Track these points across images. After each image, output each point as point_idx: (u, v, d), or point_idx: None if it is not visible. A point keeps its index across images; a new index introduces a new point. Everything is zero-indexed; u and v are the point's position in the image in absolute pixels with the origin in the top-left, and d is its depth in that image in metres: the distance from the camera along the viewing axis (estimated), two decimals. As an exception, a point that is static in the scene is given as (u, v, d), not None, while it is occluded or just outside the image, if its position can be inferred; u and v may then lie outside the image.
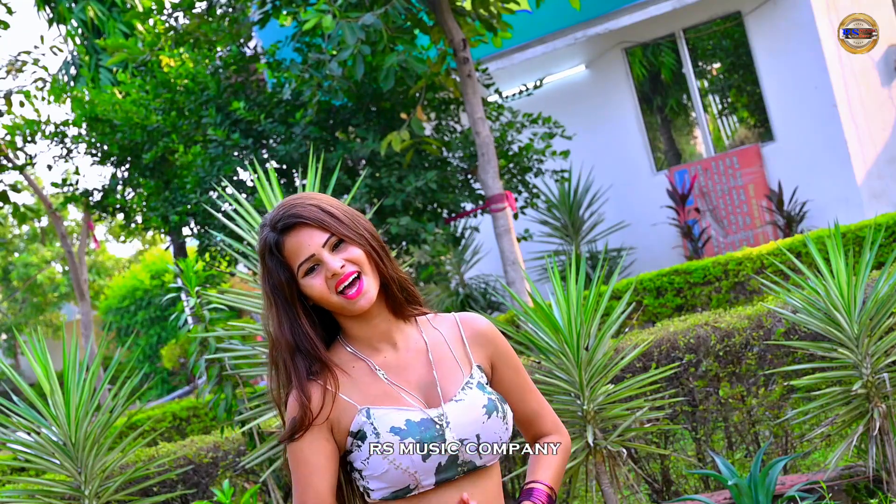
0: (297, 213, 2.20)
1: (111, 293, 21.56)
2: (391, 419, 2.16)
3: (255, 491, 4.70)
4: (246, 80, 10.03)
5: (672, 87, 12.40)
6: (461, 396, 2.21)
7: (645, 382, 4.64)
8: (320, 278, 2.19)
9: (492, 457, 2.22)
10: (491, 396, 2.23)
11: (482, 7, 8.52)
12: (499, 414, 2.21)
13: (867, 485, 4.56)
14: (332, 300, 2.19)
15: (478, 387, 2.23)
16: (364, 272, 2.20)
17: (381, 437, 2.15)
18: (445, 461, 2.17)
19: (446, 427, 2.17)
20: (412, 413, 2.18)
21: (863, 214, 10.73)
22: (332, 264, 2.18)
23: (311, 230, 2.19)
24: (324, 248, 2.19)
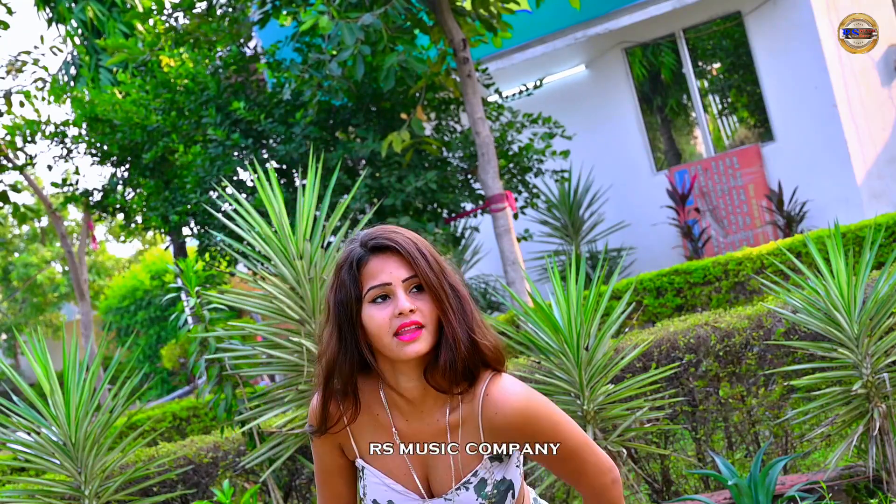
0: (394, 238, 2.11)
1: (111, 293, 21.56)
2: (377, 492, 2.18)
3: (255, 491, 4.70)
4: (246, 80, 10.03)
5: (672, 87, 12.40)
6: (451, 496, 2.15)
7: (645, 382, 4.64)
8: (385, 312, 2.08)
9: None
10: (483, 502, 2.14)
11: (482, 7, 8.52)
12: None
13: (867, 485, 4.56)
14: (384, 340, 2.08)
15: (476, 488, 2.14)
16: (429, 327, 2.08)
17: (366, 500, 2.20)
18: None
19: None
20: (397, 496, 2.16)
21: (863, 214, 10.73)
22: (404, 302, 2.06)
23: (399, 261, 2.10)
24: (402, 284, 2.08)
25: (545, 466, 2.23)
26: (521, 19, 10.91)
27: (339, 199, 8.92)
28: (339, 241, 4.85)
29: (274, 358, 4.79)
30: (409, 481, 2.17)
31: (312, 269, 4.75)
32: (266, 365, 4.89)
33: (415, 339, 2.06)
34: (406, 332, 2.06)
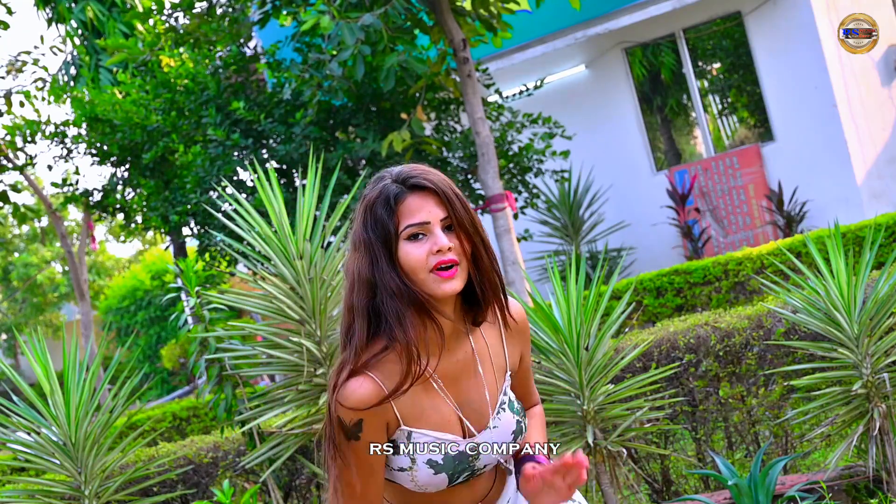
0: (431, 179, 2.15)
1: (111, 293, 21.56)
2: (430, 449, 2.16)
3: (255, 491, 4.70)
4: (246, 80, 10.03)
5: (672, 87, 12.40)
6: (496, 422, 2.23)
7: (645, 382, 4.64)
8: (423, 249, 2.11)
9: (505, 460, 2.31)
10: (519, 418, 2.26)
11: (482, 7, 8.52)
12: (522, 434, 2.27)
13: (867, 485, 4.56)
14: (420, 276, 2.11)
15: (509, 407, 2.26)
16: (463, 265, 2.14)
17: (416, 463, 2.17)
18: (463, 478, 2.22)
19: (478, 457, 2.21)
20: (450, 443, 2.18)
21: (863, 214, 10.74)
22: (442, 239, 2.11)
23: (437, 201, 2.14)
24: (440, 223, 2.13)
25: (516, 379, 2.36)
26: (521, 19, 10.91)
27: (339, 199, 8.93)
28: (339, 241, 4.85)
29: (274, 358, 4.79)
30: (456, 426, 2.19)
31: (312, 269, 4.75)
32: (266, 365, 4.89)
33: (453, 276, 2.11)
34: (444, 269, 2.11)
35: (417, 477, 2.16)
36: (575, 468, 2.08)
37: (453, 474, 2.17)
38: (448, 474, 2.17)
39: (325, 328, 4.76)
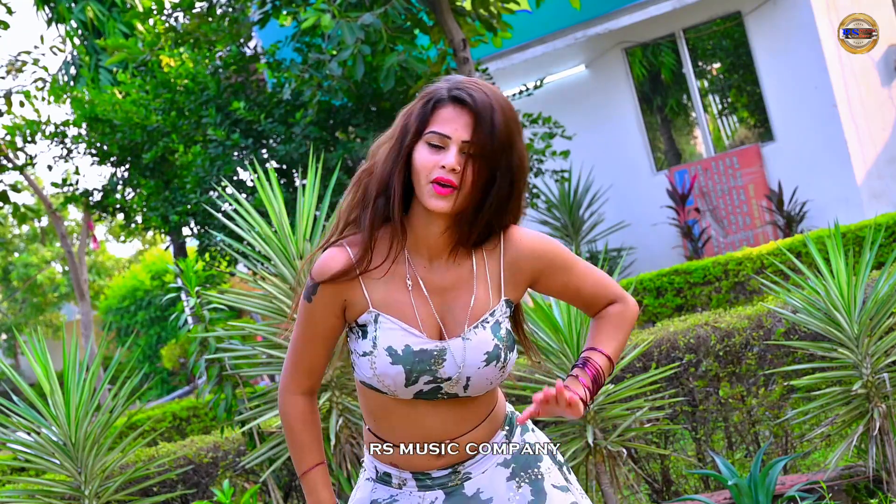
0: (475, 96, 2.12)
1: (111, 293, 21.56)
2: (392, 338, 2.15)
3: (255, 491, 4.70)
4: (246, 80, 10.03)
5: (672, 87, 12.40)
6: (469, 335, 2.17)
7: (645, 382, 4.64)
8: (433, 158, 2.11)
9: (477, 394, 2.21)
10: (500, 343, 2.18)
11: (482, 7, 8.52)
12: (498, 364, 2.18)
13: (867, 485, 4.56)
14: (422, 181, 2.12)
15: (492, 328, 2.19)
16: (463, 192, 2.12)
17: (376, 349, 2.15)
18: (427, 389, 2.17)
19: (441, 363, 2.16)
20: (414, 339, 2.16)
21: (863, 214, 10.73)
22: (451, 159, 2.10)
23: (470, 122, 2.12)
24: (460, 143, 2.11)
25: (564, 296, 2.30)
26: (521, 19, 10.91)
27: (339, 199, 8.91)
28: (339, 241, 4.84)
29: (274, 358, 4.79)
30: (426, 324, 2.18)
31: (312, 269, 4.74)
32: (266, 365, 4.89)
33: (444, 195, 2.10)
34: (440, 186, 2.10)
35: (376, 364, 2.14)
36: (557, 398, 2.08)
37: (412, 371, 2.14)
38: (406, 369, 2.14)
39: (325, 328, 4.75)
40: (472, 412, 2.23)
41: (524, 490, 2.25)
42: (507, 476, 2.26)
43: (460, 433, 2.21)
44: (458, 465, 2.23)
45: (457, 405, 2.21)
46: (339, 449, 4.76)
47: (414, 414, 2.20)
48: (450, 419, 2.20)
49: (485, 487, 2.23)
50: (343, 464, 4.76)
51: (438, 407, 2.20)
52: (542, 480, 2.27)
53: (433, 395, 2.18)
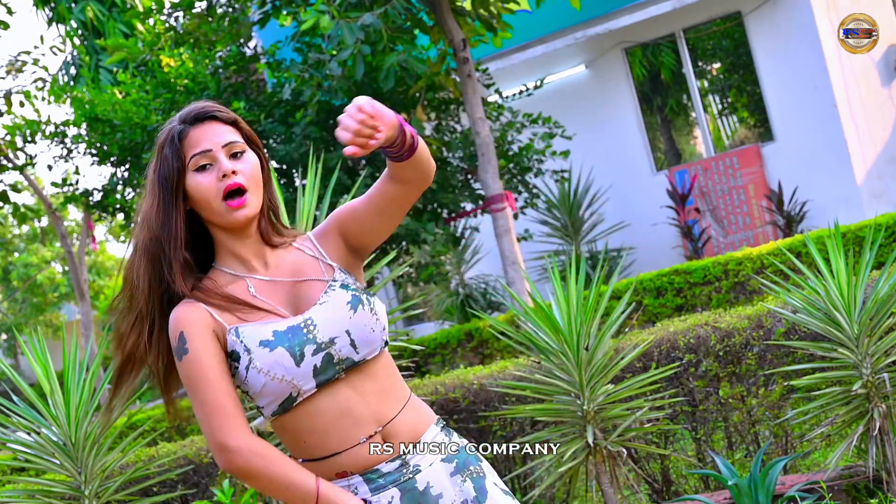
0: (210, 109, 2.22)
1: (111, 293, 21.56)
2: (259, 333, 2.16)
3: (255, 491, 4.70)
4: (246, 80, 10.03)
5: (672, 87, 12.40)
6: (324, 299, 2.20)
7: (645, 382, 4.64)
8: (210, 178, 2.18)
9: (369, 349, 2.20)
10: (355, 293, 2.21)
11: (482, 7, 8.52)
12: (365, 307, 2.20)
13: (867, 485, 4.56)
14: (213, 205, 2.18)
15: (341, 286, 2.22)
16: (251, 190, 2.20)
17: (252, 353, 2.14)
18: (321, 362, 2.16)
19: (314, 329, 2.17)
20: (278, 324, 2.17)
21: (863, 214, 10.73)
22: (226, 164, 2.18)
23: (219, 127, 2.21)
24: (223, 149, 2.19)
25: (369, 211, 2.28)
26: (521, 19, 10.91)
27: (339, 199, 8.92)
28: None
29: (274, 358, 4.79)
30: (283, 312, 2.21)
31: (312, 269, 4.74)
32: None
33: (242, 205, 2.18)
34: (232, 197, 2.17)
35: (258, 362, 2.13)
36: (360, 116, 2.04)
37: (292, 346, 2.14)
38: (286, 347, 2.14)
39: (325, 328, 4.76)
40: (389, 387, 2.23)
41: (468, 486, 2.24)
42: (451, 471, 2.25)
43: (391, 411, 2.20)
44: (404, 456, 2.20)
45: (368, 378, 2.20)
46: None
47: (334, 406, 2.17)
48: (370, 398, 2.19)
49: (434, 482, 2.21)
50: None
51: (353, 386, 2.19)
52: (484, 478, 2.27)
53: (331, 368, 2.16)
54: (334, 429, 2.18)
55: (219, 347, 2.18)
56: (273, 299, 2.22)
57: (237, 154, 2.21)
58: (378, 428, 2.19)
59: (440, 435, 2.27)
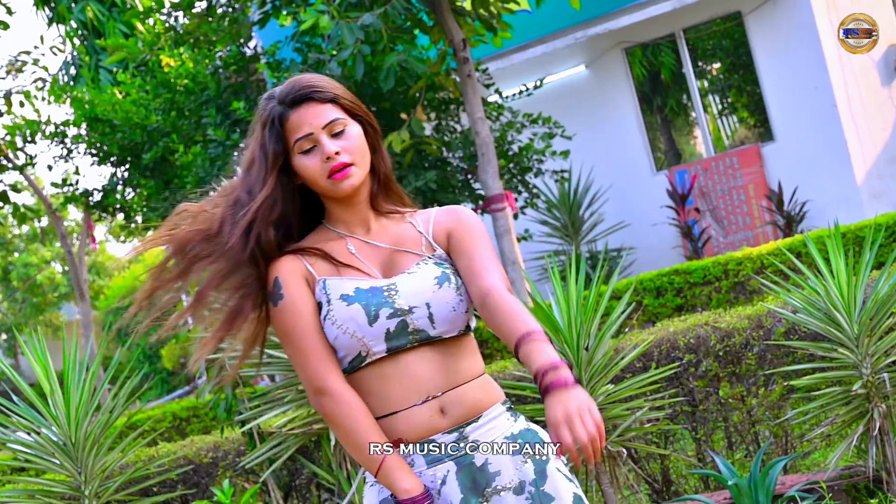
0: (307, 90, 2.25)
1: (111, 293, 21.56)
2: (342, 287, 2.22)
3: (255, 491, 4.70)
4: (246, 80, 10.03)
5: (672, 87, 12.40)
6: (414, 269, 2.26)
7: (645, 382, 4.64)
8: (315, 160, 2.24)
9: (447, 327, 2.23)
10: (446, 270, 2.26)
11: (482, 7, 8.52)
12: (451, 284, 2.24)
13: (867, 485, 4.56)
14: (321, 183, 2.25)
15: (434, 262, 2.27)
16: (356, 162, 2.25)
17: (332, 305, 2.21)
18: (394, 327, 2.19)
19: (395, 295, 2.21)
20: (362, 282, 2.23)
21: (863, 214, 10.73)
22: (328, 147, 2.23)
23: (317, 108, 2.25)
24: (323, 130, 2.24)
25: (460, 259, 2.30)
26: (521, 19, 10.90)
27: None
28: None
29: (274, 358, 4.79)
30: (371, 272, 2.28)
31: (312, 269, 4.75)
32: (266, 365, 4.89)
33: (346, 175, 2.24)
34: (337, 172, 2.23)
35: (335, 315, 2.20)
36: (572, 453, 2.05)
37: (368, 306, 2.19)
38: (362, 305, 2.19)
39: (325, 328, 4.76)
40: (459, 364, 2.24)
41: (528, 467, 2.24)
42: (514, 450, 2.24)
43: (453, 383, 2.22)
44: (463, 428, 2.21)
45: (437, 353, 2.22)
46: (339, 449, 4.76)
47: (399, 373, 2.20)
48: (438, 368, 2.21)
49: (493, 459, 2.21)
50: (343, 464, 4.76)
51: (422, 357, 2.21)
52: (548, 462, 2.26)
53: (404, 336, 2.20)
54: (395, 392, 2.21)
55: (311, 295, 2.25)
56: (368, 260, 2.29)
57: (339, 132, 2.25)
58: (437, 393, 2.21)
59: (505, 414, 2.28)
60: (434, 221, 2.34)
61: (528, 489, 2.21)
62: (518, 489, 2.21)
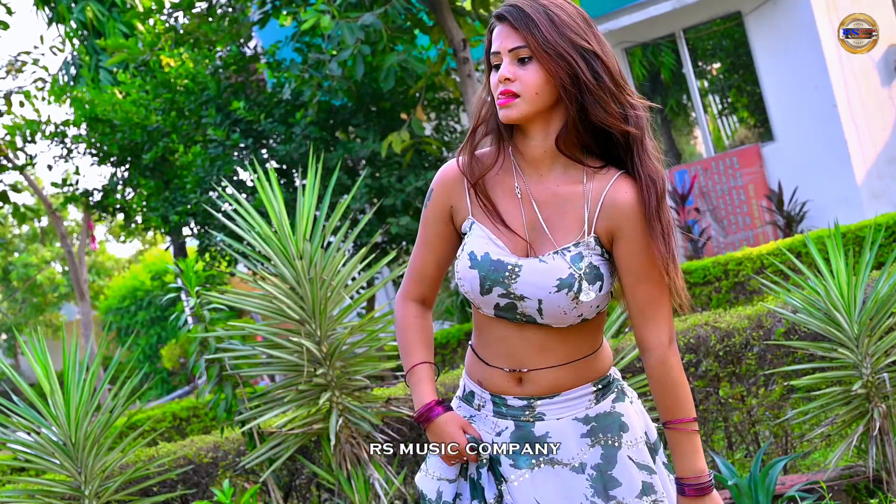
0: (512, 9, 2.20)
1: (111, 293, 21.56)
2: (478, 245, 2.24)
3: (255, 491, 4.70)
4: (246, 80, 10.02)
5: (672, 87, 12.40)
6: (547, 259, 2.19)
7: (645, 382, 4.64)
8: (494, 78, 2.21)
9: (555, 321, 2.20)
10: (575, 272, 2.17)
11: (482, 7, 8.52)
12: (570, 292, 2.16)
13: (867, 485, 4.56)
14: (495, 101, 2.22)
15: (572, 258, 2.18)
16: (525, 97, 2.18)
17: (463, 253, 2.25)
18: (504, 304, 2.22)
19: (516, 278, 2.19)
20: (496, 250, 2.22)
21: (863, 214, 10.73)
22: (503, 71, 2.19)
23: (511, 31, 2.19)
24: (509, 53, 2.18)
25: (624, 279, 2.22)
26: (521, 19, 10.89)
27: (339, 199, 8.93)
28: (338, 241, 4.85)
29: (274, 358, 4.79)
30: (514, 240, 2.23)
31: (312, 269, 4.75)
32: (266, 365, 4.89)
33: (505, 104, 2.18)
34: (502, 96, 2.18)
35: (458, 266, 2.26)
36: None
37: (485, 278, 2.20)
38: (480, 275, 2.21)
39: (325, 328, 4.76)
40: (558, 348, 2.23)
41: (595, 451, 2.24)
42: (583, 433, 2.25)
43: (541, 364, 2.23)
44: (533, 400, 2.25)
45: (541, 334, 2.23)
46: (339, 449, 4.76)
47: (501, 333, 2.24)
48: (533, 347, 2.23)
49: (555, 433, 2.24)
50: (343, 464, 4.76)
51: (524, 331, 2.23)
52: (619, 449, 2.25)
53: (512, 313, 2.22)
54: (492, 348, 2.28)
55: (447, 221, 2.32)
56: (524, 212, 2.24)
57: (524, 59, 2.18)
58: (524, 370, 2.25)
59: (590, 395, 2.27)
60: (604, 202, 2.20)
61: (588, 471, 2.23)
62: (578, 468, 2.23)
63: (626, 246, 2.19)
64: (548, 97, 2.18)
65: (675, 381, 2.20)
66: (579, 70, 2.17)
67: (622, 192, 2.20)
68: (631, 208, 2.19)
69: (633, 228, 2.19)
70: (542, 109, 2.18)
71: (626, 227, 2.19)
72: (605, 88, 2.22)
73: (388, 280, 4.87)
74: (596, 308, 2.21)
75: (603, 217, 2.19)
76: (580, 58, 2.18)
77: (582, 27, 2.20)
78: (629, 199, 2.19)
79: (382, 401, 4.90)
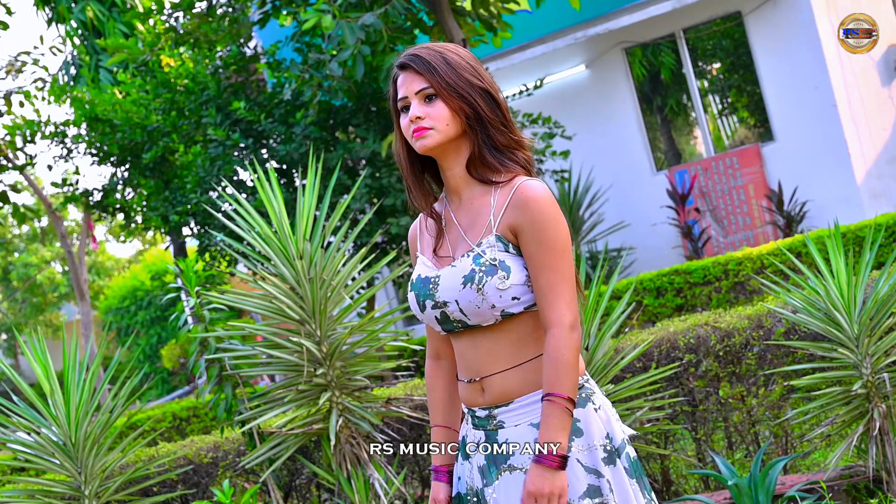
0: (413, 57, 2.46)
1: (111, 293, 21.56)
2: (417, 271, 2.53)
3: (255, 491, 4.70)
4: (246, 80, 10.02)
5: (672, 87, 12.40)
6: (456, 263, 2.44)
7: (645, 382, 4.64)
8: (405, 120, 2.46)
9: (479, 319, 2.41)
10: (476, 268, 2.39)
11: (482, 7, 8.52)
12: (473, 285, 2.38)
13: (867, 485, 4.56)
14: (410, 141, 2.47)
15: (475, 256, 2.41)
16: (437, 127, 2.43)
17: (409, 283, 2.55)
18: (439, 316, 2.46)
19: (437, 288, 2.45)
20: (425, 269, 2.50)
21: (863, 214, 10.73)
22: (413, 111, 2.44)
23: (414, 76, 2.45)
24: (416, 96, 2.45)
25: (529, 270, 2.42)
26: (521, 19, 10.91)
27: (339, 199, 8.92)
28: (338, 241, 4.85)
29: (274, 358, 4.79)
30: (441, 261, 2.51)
31: (312, 269, 4.75)
32: (266, 365, 4.89)
33: (421, 135, 2.43)
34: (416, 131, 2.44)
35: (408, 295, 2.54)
36: None
37: (418, 296, 2.48)
38: (415, 295, 2.49)
39: (325, 328, 4.76)
40: (503, 351, 2.42)
41: None
42: (537, 437, 2.37)
43: (494, 370, 2.43)
44: (493, 409, 2.44)
45: (487, 339, 2.43)
46: (339, 449, 4.76)
47: (459, 347, 2.49)
48: (483, 352, 2.43)
49: (513, 439, 2.41)
50: (343, 464, 4.76)
51: (474, 339, 2.44)
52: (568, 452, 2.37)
53: (450, 323, 2.45)
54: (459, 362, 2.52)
55: None
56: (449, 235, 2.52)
57: (430, 97, 2.44)
58: (477, 377, 2.46)
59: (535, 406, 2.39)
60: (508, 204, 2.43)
61: None
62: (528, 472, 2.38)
63: (524, 240, 2.41)
64: (456, 127, 2.44)
65: (565, 359, 2.34)
66: (477, 104, 2.44)
67: (520, 194, 2.43)
68: (526, 206, 2.41)
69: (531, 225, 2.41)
70: (452, 138, 2.45)
71: (525, 224, 2.40)
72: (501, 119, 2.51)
73: (388, 280, 4.87)
74: (512, 299, 2.38)
75: (506, 217, 2.43)
76: (476, 94, 2.44)
77: (475, 68, 2.47)
78: (526, 199, 2.42)
79: (382, 401, 4.90)
